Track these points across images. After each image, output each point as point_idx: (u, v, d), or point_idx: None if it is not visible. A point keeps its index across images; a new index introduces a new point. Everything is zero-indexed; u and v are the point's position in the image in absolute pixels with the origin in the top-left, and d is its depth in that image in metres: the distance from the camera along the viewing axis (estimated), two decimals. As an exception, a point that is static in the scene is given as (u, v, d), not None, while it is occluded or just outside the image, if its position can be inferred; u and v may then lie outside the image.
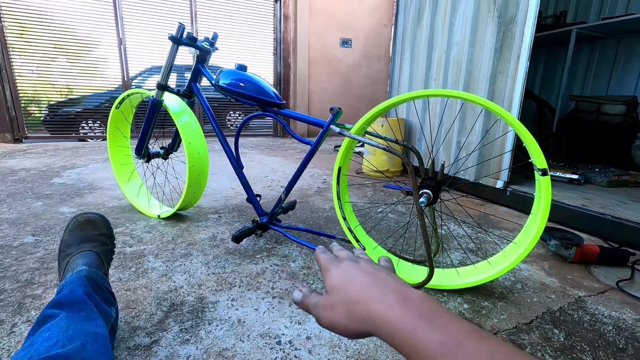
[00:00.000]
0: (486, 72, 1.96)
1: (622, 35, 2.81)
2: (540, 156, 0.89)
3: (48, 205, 1.74)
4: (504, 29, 1.85)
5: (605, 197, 1.83)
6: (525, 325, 0.91)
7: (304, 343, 0.82)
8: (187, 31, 1.33)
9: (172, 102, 1.46)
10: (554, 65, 3.40)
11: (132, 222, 1.54)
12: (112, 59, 4.25)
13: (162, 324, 0.86)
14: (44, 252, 1.23)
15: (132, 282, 1.05)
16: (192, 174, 1.43)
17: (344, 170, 1.19)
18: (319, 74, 5.27)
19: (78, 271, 0.74)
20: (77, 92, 4.20)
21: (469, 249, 1.39)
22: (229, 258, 1.23)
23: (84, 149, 3.57)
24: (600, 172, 2.32)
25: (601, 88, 3.03)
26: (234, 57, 4.83)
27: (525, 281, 1.14)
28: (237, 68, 1.26)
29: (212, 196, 1.99)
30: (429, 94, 0.95)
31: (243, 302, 0.97)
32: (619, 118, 2.62)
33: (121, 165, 1.75)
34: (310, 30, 5.05)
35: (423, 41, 2.48)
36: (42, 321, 0.62)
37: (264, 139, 4.97)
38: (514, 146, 1.85)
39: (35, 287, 1.01)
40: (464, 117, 2.14)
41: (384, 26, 5.49)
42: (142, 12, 4.26)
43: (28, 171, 2.47)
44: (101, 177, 2.35)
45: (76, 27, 4.01)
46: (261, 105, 1.23)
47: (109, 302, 0.74)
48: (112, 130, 1.70)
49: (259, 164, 3.07)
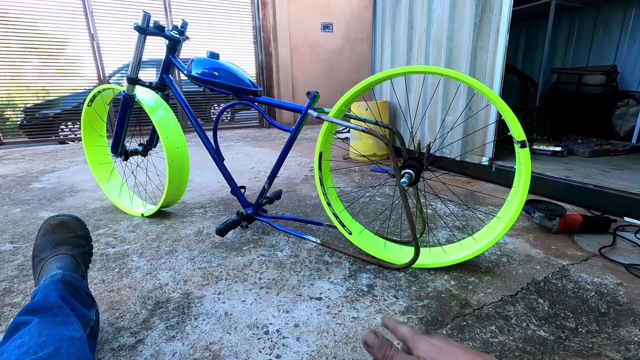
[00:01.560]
0: (467, 48, 1.94)
1: (600, 4, 2.81)
2: (519, 128, 0.88)
3: (27, 211, 1.69)
4: (483, 3, 1.83)
5: (588, 167, 1.85)
6: (511, 297, 0.92)
7: (292, 331, 0.81)
8: (153, 20, 1.28)
9: (145, 97, 1.41)
10: (535, 38, 3.40)
11: (115, 222, 1.51)
12: (86, 57, 4.09)
13: (147, 323, 0.85)
14: (23, 259, 1.19)
15: (115, 282, 1.03)
16: (173, 169, 1.39)
17: (326, 156, 1.18)
18: (301, 61, 5.18)
19: (52, 275, 0.71)
20: (53, 93, 4.06)
21: (455, 227, 1.40)
22: (215, 252, 1.21)
23: (64, 152, 3.47)
24: (583, 142, 2.35)
25: (582, 59, 3.04)
26: (213, 47, 4.69)
27: (511, 254, 1.16)
28: (209, 56, 1.21)
29: (198, 191, 1.96)
30: (407, 72, 0.93)
31: (230, 295, 0.96)
32: (599, 88, 2.65)
33: (99, 165, 1.70)
34: (290, 17, 4.94)
35: (403, 21, 2.44)
36: (14, 329, 0.60)
37: (250, 131, 4.91)
38: (497, 119, 1.85)
39: (14, 294, 0.98)
40: (447, 95, 2.13)
41: (364, 8, 5.40)
42: (113, 6, 4.09)
43: (5, 178, 2.39)
44: (82, 179, 2.28)
45: (45, 25, 3.83)
46: (237, 94, 1.19)
47: (87, 305, 0.72)
48: (87, 129, 1.64)
49: (245, 155, 3.03)
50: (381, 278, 1.02)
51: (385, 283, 1.00)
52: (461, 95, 2.01)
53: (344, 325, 0.83)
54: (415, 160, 1.00)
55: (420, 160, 1.00)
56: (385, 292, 0.96)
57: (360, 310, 0.88)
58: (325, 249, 1.21)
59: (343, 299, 0.93)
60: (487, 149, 1.95)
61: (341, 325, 0.83)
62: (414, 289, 0.97)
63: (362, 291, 0.96)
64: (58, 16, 3.87)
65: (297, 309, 0.89)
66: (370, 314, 0.86)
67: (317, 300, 0.93)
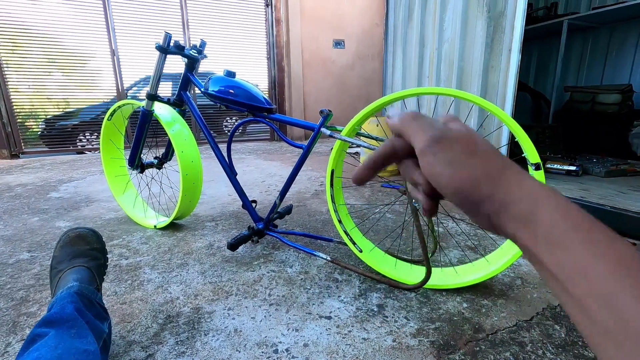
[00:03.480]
0: (478, 67, 1.95)
1: (614, 24, 2.80)
2: (533, 151, 0.88)
3: (44, 220, 1.73)
4: (494, 23, 1.85)
5: (604, 188, 1.81)
6: (526, 323, 0.90)
7: (302, 350, 0.80)
8: (175, 39, 1.33)
9: (163, 112, 1.45)
10: (548, 56, 3.40)
11: (129, 233, 1.53)
12: (106, 71, 4.25)
13: (158, 337, 0.85)
14: (40, 268, 1.22)
15: (127, 295, 1.04)
16: (186, 182, 1.42)
17: (338, 173, 1.19)
18: (313, 76, 5.27)
19: (68, 287, 0.73)
20: (73, 104, 4.21)
21: (467, 247, 1.38)
22: (226, 266, 1.22)
23: (81, 162, 3.56)
24: (598, 162, 2.31)
25: (595, 78, 3.02)
26: (227, 63, 4.83)
27: (525, 277, 1.13)
28: (225, 74, 1.25)
29: (209, 204, 1.98)
30: (419, 92, 0.94)
31: (240, 311, 0.96)
32: (614, 107, 2.61)
33: (116, 177, 1.75)
34: (303, 33, 5.06)
35: (414, 39, 2.47)
36: (31, 341, 0.61)
37: (261, 144, 4.97)
38: (509, 140, 1.84)
39: (30, 304, 1.00)
40: (457, 113, 2.13)
41: (376, 25, 5.50)
42: (134, 23, 4.26)
43: (25, 186, 2.47)
44: (98, 190, 2.34)
45: (69, 41, 4.01)
46: (251, 110, 1.22)
47: (101, 318, 0.73)
48: (105, 142, 1.69)
49: (256, 168, 3.07)
50: (392, 298, 1.01)
51: (396, 303, 0.99)
52: (473, 115, 2.01)
53: (354, 346, 0.82)
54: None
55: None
56: (396, 312, 0.94)
57: (371, 331, 0.87)
58: (335, 267, 1.20)
59: (353, 318, 0.92)
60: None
61: (351, 346, 0.82)
62: (425, 310, 0.95)
63: (373, 311, 0.95)
64: (83, 32, 4.05)
65: (307, 328, 0.88)
66: (380, 335, 0.85)
67: (326, 319, 0.92)
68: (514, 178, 0.22)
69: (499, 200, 0.22)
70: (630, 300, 0.16)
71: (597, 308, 0.18)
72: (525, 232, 0.21)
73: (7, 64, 3.78)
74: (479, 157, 0.24)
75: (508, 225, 0.22)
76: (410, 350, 0.80)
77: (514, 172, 0.23)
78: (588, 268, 0.18)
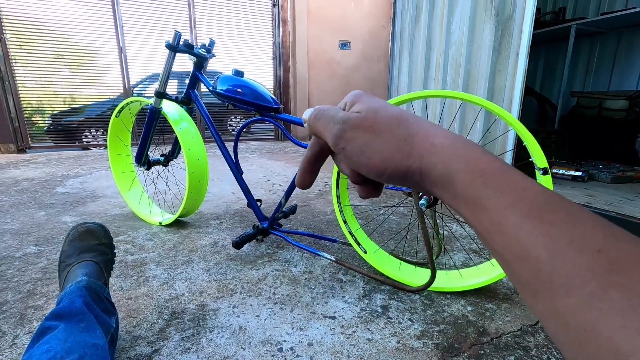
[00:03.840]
0: (485, 70, 1.95)
1: (622, 30, 2.79)
2: (541, 155, 0.88)
3: (51, 214, 1.75)
4: (502, 27, 1.85)
5: (610, 194, 1.81)
6: (531, 327, 0.89)
7: (306, 349, 0.81)
8: (184, 38, 1.34)
9: (170, 110, 1.46)
10: (555, 61, 3.38)
11: (134, 230, 1.54)
12: (114, 67, 4.28)
13: (163, 333, 0.86)
14: (47, 262, 1.23)
15: (133, 290, 1.05)
16: (192, 180, 1.43)
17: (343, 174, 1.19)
18: (318, 77, 5.27)
19: (77, 282, 0.74)
20: (79, 101, 4.24)
21: (472, 250, 1.37)
22: (230, 264, 1.22)
23: (87, 158, 3.59)
24: (604, 168, 2.30)
25: (602, 83, 3.01)
26: (234, 62, 4.85)
27: (530, 281, 1.13)
28: (234, 74, 1.26)
29: (214, 202, 1.99)
30: (427, 95, 0.94)
31: (244, 309, 0.96)
32: (621, 113, 2.60)
33: (122, 174, 1.76)
34: (309, 34, 5.07)
35: (421, 42, 2.47)
36: (41, 333, 0.62)
37: (265, 143, 4.98)
38: (516, 145, 1.84)
39: (37, 297, 1.01)
40: (464, 116, 2.13)
41: (382, 27, 5.50)
42: (142, 20, 4.29)
43: (31, 181, 2.49)
44: (103, 186, 2.36)
45: (77, 37, 4.05)
46: (259, 110, 1.23)
47: (109, 312, 0.74)
48: (113, 138, 1.70)
49: (260, 168, 3.08)
50: (396, 299, 1.01)
51: (400, 305, 0.99)
52: (480, 119, 2.01)
53: (359, 347, 0.82)
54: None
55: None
56: (400, 314, 0.95)
57: (375, 332, 0.87)
58: (340, 267, 1.20)
59: (357, 319, 0.92)
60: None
61: (355, 346, 0.82)
62: (429, 312, 0.95)
63: (377, 312, 0.95)
64: (91, 29, 4.08)
65: (311, 327, 0.89)
66: (385, 337, 0.85)
67: (330, 319, 0.92)
68: (422, 144, 0.22)
69: (417, 170, 0.22)
70: (541, 252, 0.16)
71: (514, 260, 0.17)
72: (447, 195, 0.21)
73: (15, 60, 3.82)
74: (383, 136, 0.23)
75: (433, 191, 0.22)
76: (415, 352, 0.80)
77: (421, 136, 0.22)
78: (501, 222, 0.18)
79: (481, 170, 0.20)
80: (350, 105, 0.26)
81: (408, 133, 0.23)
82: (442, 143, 0.22)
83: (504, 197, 0.18)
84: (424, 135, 0.22)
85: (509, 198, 0.18)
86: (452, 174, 0.20)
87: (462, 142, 0.21)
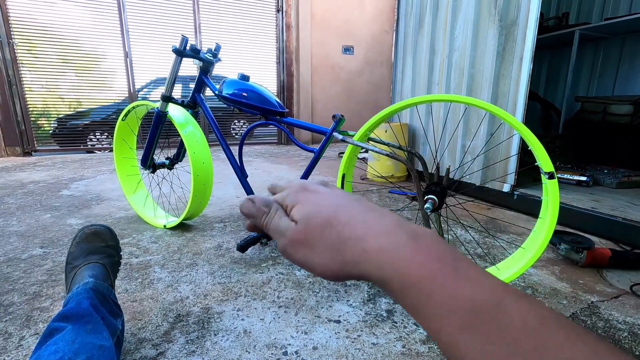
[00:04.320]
0: (489, 75, 1.95)
1: (626, 35, 2.79)
2: (547, 159, 0.88)
3: (56, 217, 1.76)
4: (506, 32, 1.85)
5: (615, 199, 1.79)
6: (537, 333, 0.89)
7: (311, 353, 0.81)
8: (190, 43, 1.36)
9: (176, 113, 1.48)
10: (559, 66, 3.38)
11: (139, 232, 1.55)
12: (119, 72, 4.33)
13: (168, 336, 0.86)
14: (52, 264, 1.24)
15: (138, 293, 1.05)
16: (197, 183, 1.43)
17: (348, 177, 1.19)
18: (322, 82, 5.30)
19: (84, 283, 0.74)
20: (85, 104, 4.28)
21: (476, 255, 1.37)
22: (235, 267, 1.23)
23: (92, 161, 3.62)
24: (609, 173, 2.29)
25: (607, 88, 3.00)
26: (238, 67, 4.88)
27: (536, 286, 1.12)
28: (239, 78, 1.27)
29: (218, 205, 2.00)
30: (431, 99, 0.95)
31: (249, 312, 0.96)
32: (626, 118, 2.59)
33: (127, 177, 1.77)
34: (313, 39, 5.10)
35: (425, 46, 2.48)
36: (49, 334, 0.62)
37: (269, 147, 5.00)
38: (520, 149, 1.83)
39: (43, 299, 1.01)
40: (468, 121, 2.13)
41: (385, 32, 5.53)
42: (147, 25, 4.34)
43: (37, 184, 2.51)
44: (108, 188, 2.37)
45: (84, 42, 4.10)
46: (264, 114, 1.24)
47: (115, 314, 0.74)
48: (119, 142, 1.72)
49: (263, 171, 3.08)
50: (401, 304, 1.01)
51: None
52: (484, 124, 2.01)
53: (364, 351, 0.82)
54: (438, 185, 1.00)
55: (443, 186, 1.00)
56: (405, 318, 0.94)
57: (380, 336, 0.87)
58: (344, 271, 1.20)
59: (362, 323, 0.92)
60: (509, 176, 1.92)
61: (360, 350, 0.82)
62: (434, 317, 0.95)
63: (382, 316, 0.95)
64: (97, 34, 4.13)
65: (316, 331, 0.88)
66: (390, 341, 0.85)
67: (335, 323, 0.92)
68: (354, 250, 0.22)
69: (357, 275, 0.23)
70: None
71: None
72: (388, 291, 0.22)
73: (22, 64, 3.87)
74: (316, 249, 0.24)
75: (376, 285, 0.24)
76: (420, 357, 0.80)
77: (353, 242, 0.23)
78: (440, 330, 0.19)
79: (414, 279, 0.20)
80: (291, 207, 0.27)
81: (340, 240, 0.23)
82: (373, 248, 0.22)
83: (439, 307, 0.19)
84: (355, 240, 0.23)
85: (444, 308, 0.19)
86: (387, 282, 0.21)
87: (396, 241, 0.22)
